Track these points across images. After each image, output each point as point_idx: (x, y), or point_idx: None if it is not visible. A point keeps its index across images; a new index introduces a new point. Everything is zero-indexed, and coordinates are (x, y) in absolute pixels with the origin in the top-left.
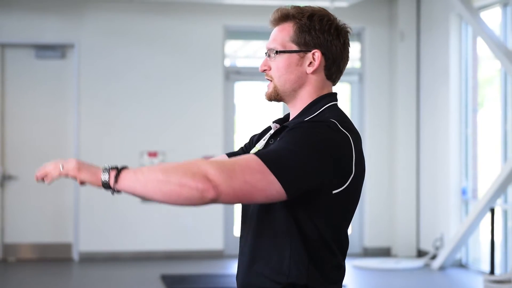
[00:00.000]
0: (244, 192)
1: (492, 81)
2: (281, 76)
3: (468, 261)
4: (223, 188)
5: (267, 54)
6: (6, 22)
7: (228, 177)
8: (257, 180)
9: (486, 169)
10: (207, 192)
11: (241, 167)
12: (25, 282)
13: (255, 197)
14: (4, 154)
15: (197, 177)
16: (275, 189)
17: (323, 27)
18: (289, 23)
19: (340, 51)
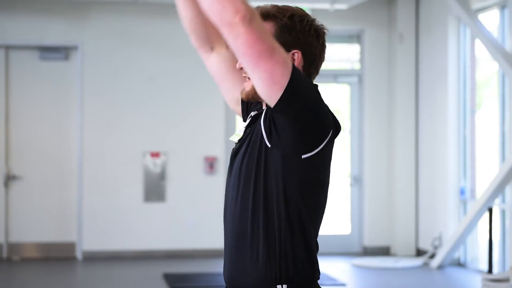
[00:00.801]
0: (260, 43)
1: (490, 83)
2: None
3: (466, 260)
4: (247, 26)
5: None
6: (11, 24)
7: (255, 23)
8: (275, 48)
9: (484, 169)
10: (240, 14)
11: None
12: (29, 280)
13: (262, 60)
14: (8, 154)
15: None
16: (285, 63)
17: (303, 28)
18: (270, 22)
19: (319, 51)
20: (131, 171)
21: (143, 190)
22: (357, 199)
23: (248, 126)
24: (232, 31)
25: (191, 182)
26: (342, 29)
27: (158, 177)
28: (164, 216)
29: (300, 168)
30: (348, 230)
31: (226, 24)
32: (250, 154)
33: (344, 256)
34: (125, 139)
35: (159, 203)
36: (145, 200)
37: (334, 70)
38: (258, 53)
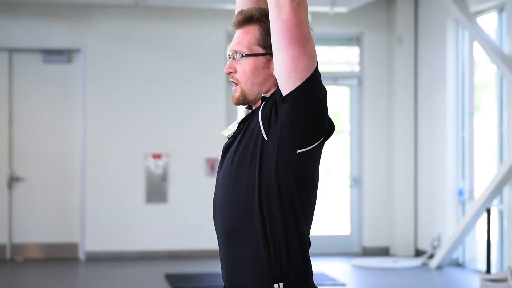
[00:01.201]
0: (298, 29)
1: (488, 85)
2: (248, 80)
3: (465, 260)
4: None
5: (232, 56)
6: (14, 27)
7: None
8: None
9: (482, 171)
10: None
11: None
12: (33, 281)
13: (294, 45)
14: (11, 156)
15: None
16: (312, 53)
17: None
18: (254, 25)
19: None
20: (133, 172)
21: (145, 191)
22: (356, 200)
23: (241, 122)
24: (277, 7)
25: (193, 183)
26: (342, 32)
27: (159, 179)
28: (166, 217)
29: (294, 162)
30: (348, 230)
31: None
32: (243, 149)
33: (343, 257)
34: (127, 140)
35: (161, 204)
36: (147, 201)
37: (334, 72)
38: (293, 37)
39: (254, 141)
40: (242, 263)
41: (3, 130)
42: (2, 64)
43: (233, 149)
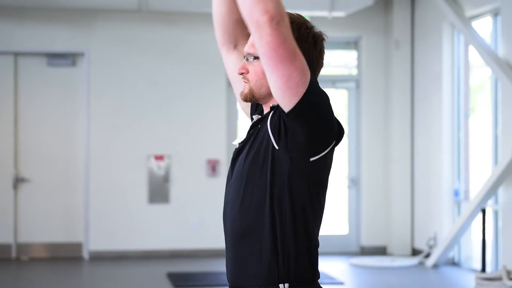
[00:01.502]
0: (282, 48)
1: (483, 88)
2: (258, 81)
3: (460, 259)
4: (274, 28)
5: (246, 58)
6: (19, 31)
7: (282, 27)
8: (300, 60)
9: (477, 172)
10: (268, 15)
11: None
12: (38, 280)
13: (282, 64)
14: (17, 158)
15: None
16: (303, 68)
17: (301, 35)
18: None
19: (316, 58)
20: (136, 173)
21: (148, 192)
22: (354, 200)
23: (250, 128)
24: (258, 30)
25: (194, 184)
26: (340, 36)
27: (162, 180)
28: (168, 217)
29: (307, 169)
30: (346, 230)
31: (254, 22)
32: (255, 154)
33: (342, 256)
34: (130, 142)
35: (163, 205)
36: (149, 202)
37: (332, 75)
38: (279, 57)
39: (265, 148)
40: (249, 263)
41: (8, 132)
42: (7, 68)
43: (244, 154)
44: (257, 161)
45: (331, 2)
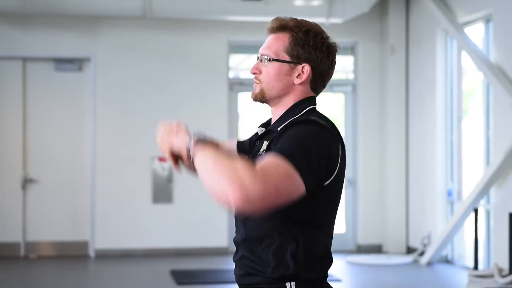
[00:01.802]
0: (271, 198)
1: (476, 92)
2: (270, 82)
3: (453, 257)
4: (253, 197)
5: (260, 58)
6: (27, 37)
7: (259, 190)
8: (287, 185)
9: (470, 172)
10: (234, 203)
11: (273, 175)
12: (45, 277)
13: (279, 201)
14: (25, 159)
15: (232, 188)
16: (298, 192)
17: (316, 44)
18: (286, 34)
19: (328, 68)
20: (140, 174)
21: (152, 192)
22: (351, 200)
23: (257, 140)
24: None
25: (197, 185)
26: (337, 42)
27: (165, 180)
28: (172, 216)
29: (322, 193)
30: (343, 229)
31: (227, 207)
32: None
33: (339, 254)
34: (134, 144)
35: (166, 205)
36: (153, 202)
37: (330, 80)
38: (270, 204)
39: None
40: (258, 264)
41: (17, 134)
42: (16, 72)
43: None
44: None
45: (328, 9)
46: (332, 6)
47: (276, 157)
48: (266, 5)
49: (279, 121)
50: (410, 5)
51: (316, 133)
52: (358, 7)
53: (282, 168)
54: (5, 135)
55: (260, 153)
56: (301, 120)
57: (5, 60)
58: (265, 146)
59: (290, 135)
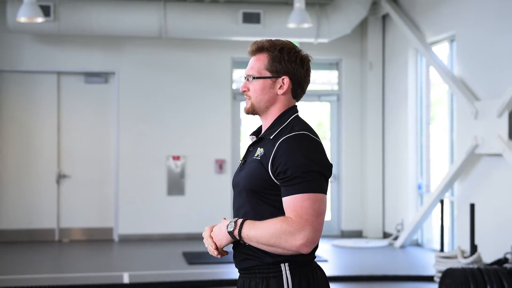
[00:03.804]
0: (320, 225)
1: (442, 101)
2: (257, 97)
3: (423, 241)
4: (310, 241)
5: (246, 78)
6: (61, 54)
7: (311, 233)
8: (324, 210)
9: (437, 169)
10: (301, 249)
11: (309, 215)
12: (76, 258)
13: (323, 220)
14: (59, 158)
15: (289, 239)
16: (326, 203)
17: (290, 58)
18: (264, 54)
19: (304, 76)
20: (157, 171)
21: (167, 186)
22: (336, 192)
23: (251, 146)
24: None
25: (205, 180)
26: (324, 59)
27: (178, 176)
28: (184, 206)
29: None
30: (329, 217)
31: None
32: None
33: (325, 238)
34: (152, 145)
35: (179, 196)
36: (168, 194)
37: (318, 90)
38: (322, 226)
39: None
40: (254, 250)
41: (52, 137)
42: (51, 84)
43: (248, 170)
44: (257, 179)
45: (317, 31)
46: (319, 29)
47: (301, 196)
48: (263, 28)
49: (269, 129)
50: (386, 27)
51: (312, 145)
52: (342, 29)
53: (311, 202)
54: (42, 137)
55: (255, 157)
56: (293, 136)
57: (42, 74)
58: (259, 152)
59: (294, 157)
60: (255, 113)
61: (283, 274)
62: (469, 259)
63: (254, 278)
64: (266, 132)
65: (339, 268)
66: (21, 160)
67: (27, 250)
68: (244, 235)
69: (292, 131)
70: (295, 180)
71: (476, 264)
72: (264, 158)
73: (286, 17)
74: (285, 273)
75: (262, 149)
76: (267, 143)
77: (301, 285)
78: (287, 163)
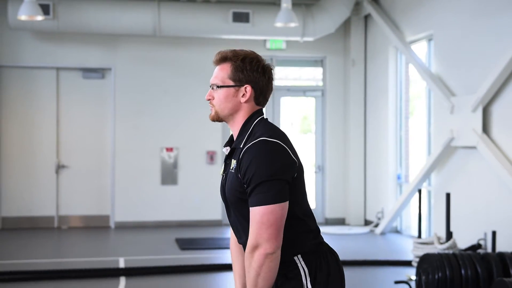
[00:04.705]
0: (280, 230)
1: (420, 96)
2: (221, 104)
3: (402, 228)
4: (275, 248)
5: (211, 87)
6: (60, 51)
7: (272, 244)
8: (277, 222)
9: (415, 161)
10: (272, 261)
11: (266, 228)
12: (75, 244)
13: (282, 228)
14: (58, 149)
15: (260, 263)
16: (286, 209)
17: (252, 67)
18: (227, 63)
19: (266, 84)
20: (151, 161)
21: (160, 176)
22: (320, 182)
23: (227, 158)
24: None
25: (197, 170)
26: (309, 56)
27: (172, 166)
28: (176, 195)
29: (291, 188)
30: (314, 205)
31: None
32: (234, 182)
33: None
34: (147, 137)
35: (172, 186)
36: (162, 183)
37: (303, 86)
38: (281, 236)
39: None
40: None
41: (52, 130)
42: (51, 79)
43: (229, 183)
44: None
45: (302, 30)
46: (305, 28)
47: (257, 209)
48: (252, 26)
49: (238, 137)
50: (368, 27)
51: (269, 150)
52: (326, 28)
53: (267, 216)
54: (42, 130)
55: (231, 170)
56: (252, 145)
57: (42, 70)
58: (234, 163)
59: (252, 168)
60: (220, 120)
61: (298, 265)
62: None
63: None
64: (237, 141)
65: None
66: (22, 151)
67: (28, 236)
68: None
69: (253, 139)
70: (253, 192)
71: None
72: (237, 170)
73: (273, 16)
74: (299, 264)
75: (235, 161)
76: (238, 153)
77: (316, 271)
78: (247, 174)
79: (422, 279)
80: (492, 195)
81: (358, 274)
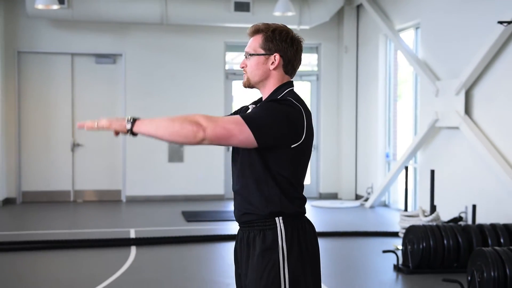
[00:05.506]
0: (222, 135)
1: (407, 80)
2: (253, 71)
3: (389, 202)
4: (209, 131)
5: (245, 55)
6: (75, 38)
7: (213, 124)
8: (233, 128)
9: (402, 140)
10: (198, 133)
11: (223, 119)
12: (89, 216)
13: (230, 140)
14: (74, 129)
15: (192, 123)
16: (246, 137)
17: (281, 38)
18: (259, 34)
19: (294, 54)
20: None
21: (168, 154)
22: (315, 160)
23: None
24: (204, 138)
25: (201, 149)
26: (305, 43)
27: (178, 145)
28: (183, 171)
29: (290, 150)
30: (309, 181)
31: (193, 141)
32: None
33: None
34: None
35: (179, 163)
36: (169, 161)
37: (300, 71)
38: (226, 137)
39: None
40: (253, 206)
41: (67, 111)
42: (66, 65)
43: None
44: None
45: (299, 18)
46: (302, 17)
47: (237, 116)
48: (253, 15)
49: (266, 99)
50: (360, 16)
51: (281, 108)
52: (321, 17)
53: (233, 118)
54: (58, 111)
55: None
56: (275, 99)
57: (58, 55)
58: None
59: (264, 107)
60: (251, 86)
61: (277, 226)
62: (429, 218)
63: (253, 230)
64: (262, 102)
65: (317, 225)
66: (40, 131)
67: (46, 209)
68: (142, 123)
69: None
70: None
71: (435, 221)
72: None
73: (272, 6)
74: (279, 225)
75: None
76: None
77: (292, 235)
78: (255, 108)
79: (408, 248)
80: (472, 172)
81: (349, 244)
